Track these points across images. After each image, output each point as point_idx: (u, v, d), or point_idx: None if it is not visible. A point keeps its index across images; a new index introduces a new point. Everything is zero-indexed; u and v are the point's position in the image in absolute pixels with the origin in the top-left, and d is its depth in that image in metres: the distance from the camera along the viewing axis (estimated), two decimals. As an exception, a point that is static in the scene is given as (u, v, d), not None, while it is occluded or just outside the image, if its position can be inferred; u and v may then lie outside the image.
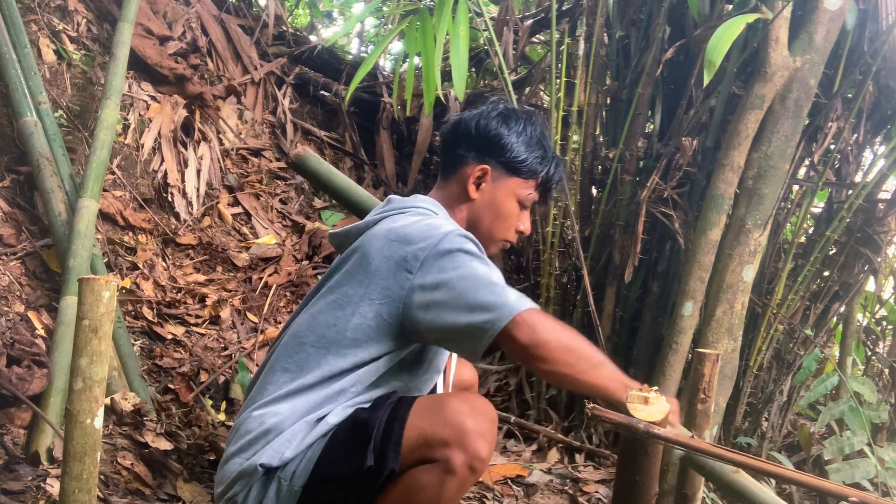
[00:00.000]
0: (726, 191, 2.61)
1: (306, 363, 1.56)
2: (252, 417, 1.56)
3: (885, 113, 2.95)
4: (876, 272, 3.12)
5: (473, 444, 1.40)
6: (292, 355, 1.59)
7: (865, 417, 2.80)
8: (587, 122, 3.19)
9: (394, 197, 1.76)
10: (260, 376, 1.68)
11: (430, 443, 1.40)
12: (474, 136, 1.75)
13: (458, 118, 1.80)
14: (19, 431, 2.19)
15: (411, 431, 1.41)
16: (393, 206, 1.71)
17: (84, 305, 1.43)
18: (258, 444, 1.52)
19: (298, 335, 1.61)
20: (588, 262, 3.07)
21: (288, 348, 1.61)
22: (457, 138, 1.77)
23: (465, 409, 1.43)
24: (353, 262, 1.61)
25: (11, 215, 2.86)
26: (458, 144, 1.77)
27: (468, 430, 1.41)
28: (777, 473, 1.56)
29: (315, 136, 4.64)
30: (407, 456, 1.41)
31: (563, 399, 3.19)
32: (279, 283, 3.59)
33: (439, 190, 1.80)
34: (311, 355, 1.56)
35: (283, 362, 1.60)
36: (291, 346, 1.61)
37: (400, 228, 1.59)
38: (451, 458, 1.39)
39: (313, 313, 1.61)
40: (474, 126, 1.75)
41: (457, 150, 1.77)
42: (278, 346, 1.67)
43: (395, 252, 1.55)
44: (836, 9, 2.55)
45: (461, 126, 1.77)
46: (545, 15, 3.94)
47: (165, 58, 3.75)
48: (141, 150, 3.52)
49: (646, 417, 1.73)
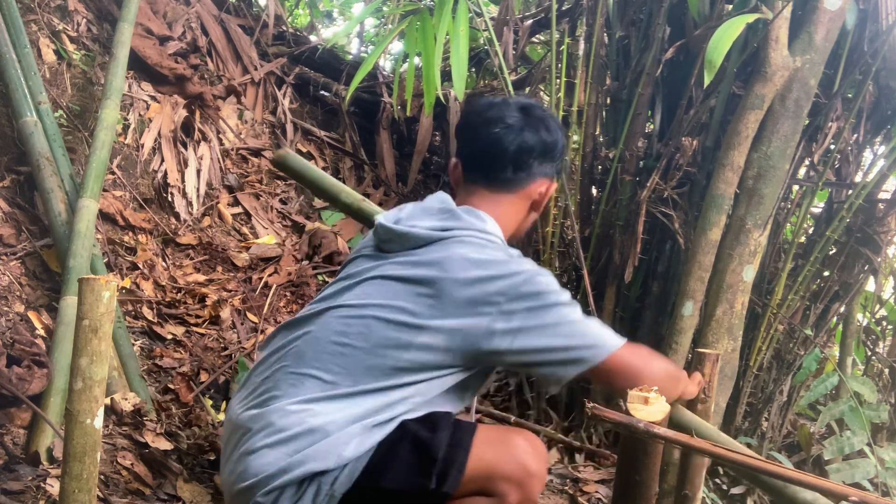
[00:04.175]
0: (726, 191, 2.61)
1: (355, 369, 1.50)
2: (288, 412, 1.48)
3: (885, 113, 2.94)
4: (876, 272, 3.12)
5: (531, 487, 1.47)
6: (336, 357, 1.51)
7: (865, 417, 2.80)
8: (587, 122, 3.19)
9: (449, 203, 1.65)
10: (278, 366, 1.57)
11: (493, 476, 1.45)
12: (542, 150, 1.67)
13: (519, 130, 1.66)
14: (19, 431, 2.19)
15: (475, 462, 1.45)
16: (460, 222, 1.60)
17: (84, 305, 1.43)
18: (300, 441, 1.45)
19: (343, 336, 1.52)
20: (588, 262, 3.06)
21: (328, 348, 1.52)
22: (522, 153, 1.66)
23: (528, 450, 1.49)
24: (418, 281, 1.52)
25: (11, 215, 2.86)
26: (524, 160, 1.66)
27: (532, 472, 1.48)
28: (777, 473, 1.56)
29: (315, 136, 4.64)
30: (465, 484, 1.45)
31: (563, 399, 3.19)
32: (279, 283, 3.59)
33: (496, 204, 1.67)
34: (364, 362, 1.50)
35: (324, 362, 1.51)
36: (333, 347, 1.52)
37: (480, 261, 1.52)
38: (509, 495, 1.46)
39: (365, 320, 1.52)
40: (542, 140, 1.67)
41: (524, 166, 1.66)
42: (306, 339, 1.56)
43: (477, 288, 1.50)
44: (836, 9, 2.55)
45: (527, 140, 1.66)
46: (545, 15, 3.94)
47: (165, 58, 3.75)
48: (141, 150, 3.52)
49: (646, 417, 1.73)
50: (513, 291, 1.50)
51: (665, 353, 2.66)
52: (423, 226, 1.60)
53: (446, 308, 1.50)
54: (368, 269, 1.61)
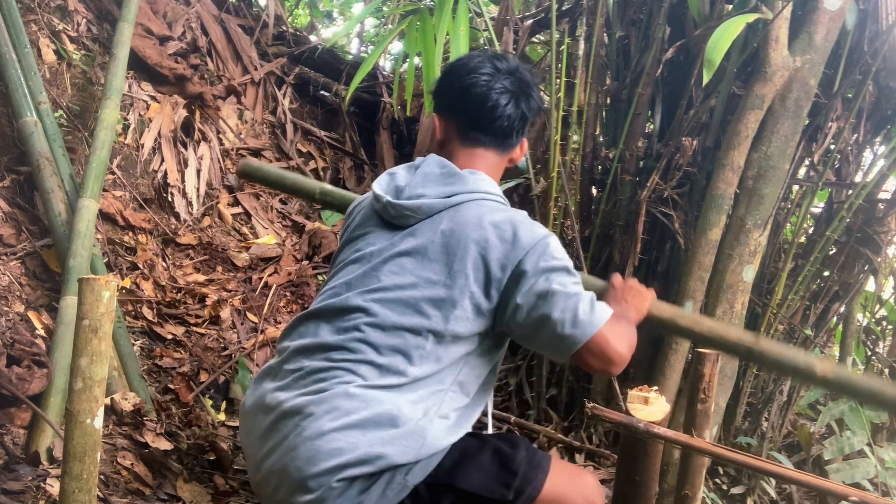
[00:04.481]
0: (726, 191, 2.61)
1: (408, 351, 1.53)
2: (352, 395, 1.48)
3: (885, 113, 2.95)
4: (876, 272, 3.12)
5: None
6: (392, 339, 1.53)
7: (865, 417, 2.80)
8: (587, 122, 3.18)
9: (451, 166, 1.67)
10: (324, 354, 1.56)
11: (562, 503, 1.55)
12: (533, 114, 1.75)
13: (518, 96, 1.71)
14: (19, 431, 2.19)
15: (550, 486, 1.54)
16: (466, 185, 1.63)
17: (84, 305, 1.43)
18: (370, 427, 1.46)
19: (380, 318, 1.54)
20: (588, 262, 3.06)
21: (375, 337, 1.54)
22: (524, 119, 1.73)
23: (597, 490, 1.62)
24: (442, 251, 1.57)
25: (11, 215, 2.86)
26: (523, 126, 1.74)
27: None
28: (777, 473, 1.57)
29: (315, 136, 4.64)
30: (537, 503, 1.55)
31: (563, 399, 3.19)
32: (279, 283, 3.59)
33: (489, 164, 1.73)
34: (412, 343, 1.53)
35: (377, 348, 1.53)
36: (380, 335, 1.54)
37: (499, 224, 1.57)
38: None
39: (405, 302, 1.55)
40: (535, 106, 1.74)
41: (519, 128, 1.73)
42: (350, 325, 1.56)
43: (498, 252, 1.55)
44: (836, 9, 2.55)
45: (527, 105, 1.73)
46: (545, 15, 3.93)
47: (165, 58, 3.75)
48: (141, 150, 3.52)
49: (646, 417, 1.73)
50: (536, 255, 1.55)
51: (665, 353, 2.66)
52: (431, 194, 1.63)
53: (473, 273, 1.55)
54: (388, 246, 1.62)
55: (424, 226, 1.60)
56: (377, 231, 1.66)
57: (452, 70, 1.76)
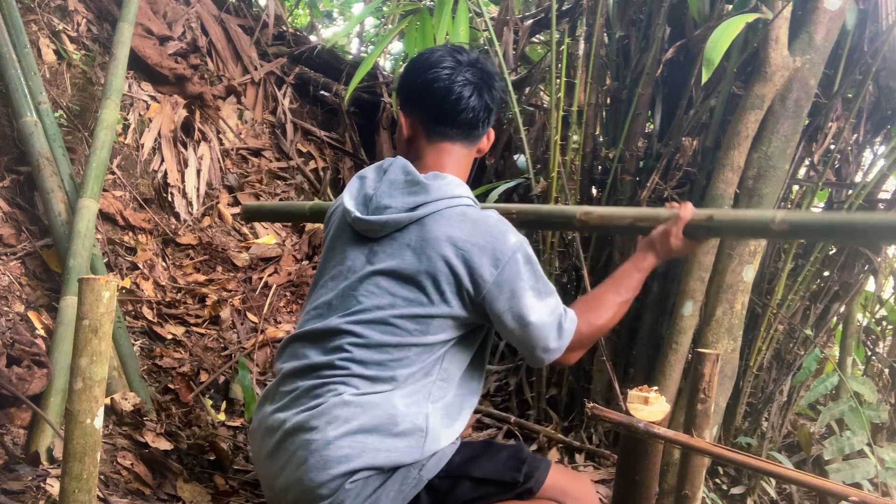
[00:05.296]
0: (726, 191, 2.61)
1: (394, 361, 1.60)
2: (348, 402, 1.55)
3: (885, 113, 2.95)
4: (876, 272, 3.12)
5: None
6: (376, 355, 1.60)
7: (865, 417, 2.79)
8: (587, 122, 3.18)
9: (414, 173, 1.66)
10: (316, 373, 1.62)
11: (567, 493, 1.65)
12: (498, 105, 1.76)
13: (481, 87, 1.71)
14: (19, 431, 2.19)
15: (554, 477, 1.65)
16: (429, 195, 1.63)
17: (84, 305, 1.43)
18: (377, 431, 1.54)
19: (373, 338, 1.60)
20: (588, 262, 3.06)
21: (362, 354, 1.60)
22: (489, 110, 1.73)
23: (593, 490, 1.75)
24: (414, 271, 1.59)
25: (11, 215, 2.86)
26: (489, 117, 1.74)
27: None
28: (777, 473, 1.57)
29: (315, 136, 4.64)
30: (544, 490, 1.64)
31: (563, 399, 3.19)
32: (279, 283, 3.59)
33: (457, 158, 1.73)
34: (396, 355, 1.60)
35: (366, 364, 1.59)
36: (366, 353, 1.60)
37: (462, 244, 1.59)
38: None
39: (384, 323, 1.60)
40: (497, 96, 1.75)
41: (484, 119, 1.73)
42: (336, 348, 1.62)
43: (466, 271, 1.59)
44: (836, 9, 2.55)
45: (490, 98, 1.73)
46: (545, 15, 3.93)
47: (165, 58, 3.75)
48: (141, 150, 3.52)
49: (646, 417, 1.73)
50: (507, 264, 1.61)
51: (665, 353, 2.66)
52: (397, 206, 1.64)
53: (448, 288, 1.60)
54: (362, 263, 1.66)
55: (394, 240, 1.63)
56: (350, 245, 1.70)
57: (414, 66, 1.75)
